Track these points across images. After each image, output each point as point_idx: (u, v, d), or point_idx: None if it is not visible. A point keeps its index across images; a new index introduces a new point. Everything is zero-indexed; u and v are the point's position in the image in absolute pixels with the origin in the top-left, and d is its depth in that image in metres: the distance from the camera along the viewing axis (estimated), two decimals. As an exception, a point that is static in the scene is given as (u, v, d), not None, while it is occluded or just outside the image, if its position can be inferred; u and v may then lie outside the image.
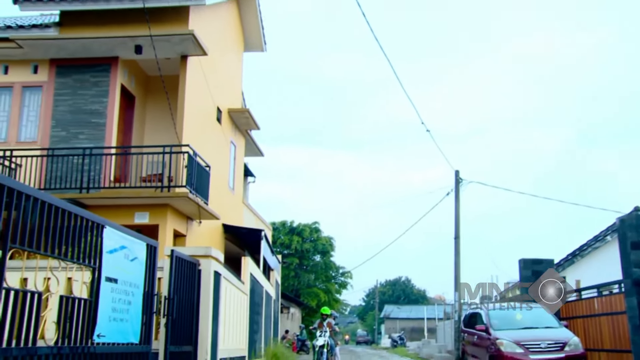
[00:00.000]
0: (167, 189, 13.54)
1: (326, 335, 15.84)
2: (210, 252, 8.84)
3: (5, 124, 15.20)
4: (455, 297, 24.25)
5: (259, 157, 25.76)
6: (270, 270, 22.34)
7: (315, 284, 50.57)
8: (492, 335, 13.34)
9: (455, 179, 25.04)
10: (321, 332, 16.02)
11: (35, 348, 4.89)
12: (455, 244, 24.36)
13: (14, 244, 4.63)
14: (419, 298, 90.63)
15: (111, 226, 6.15)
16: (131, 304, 6.53)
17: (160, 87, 15.57)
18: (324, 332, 15.95)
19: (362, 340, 74.02)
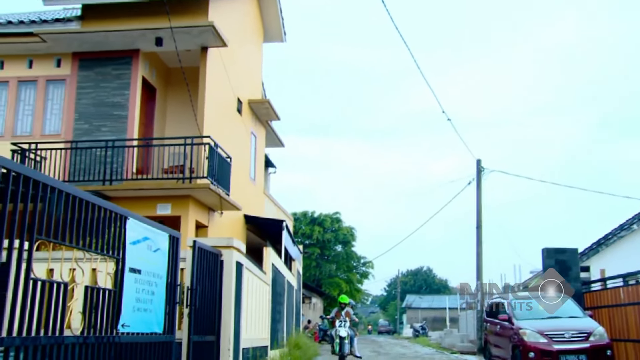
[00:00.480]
0: (189, 180, 13.64)
1: (346, 325, 15.21)
2: (232, 243, 8.89)
3: (30, 117, 15.41)
4: (477, 286, 24.15)
5: (280, 148, 25.81)
6: (291, 260, 22.43)
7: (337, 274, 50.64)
8: (515, 325, 13.25)
9: (476, 168, 24.87)
10: (340, 322, 15.37)
11: (63, 337, 4.97)
12: (477, 234, 24.22)
13: (40, 236, 4.70)
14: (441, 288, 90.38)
15: (134, 217, 6.20)
16: (154, 294, 6.60)
17: (181, 79, 15.66)
18: (343, 322, 15.31)
19: (384, 330, 74.10)
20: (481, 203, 24.46)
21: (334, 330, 15.64)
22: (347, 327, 15.17)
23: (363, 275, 55.32)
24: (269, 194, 24.29)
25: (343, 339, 14.92)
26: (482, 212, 24.39)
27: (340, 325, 15.27)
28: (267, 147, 23.87)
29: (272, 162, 26.48)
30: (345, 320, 15.37)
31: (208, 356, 8.17)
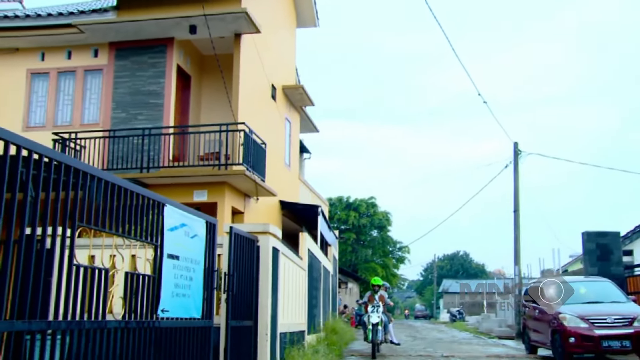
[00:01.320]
0: (225, 167, 13.75)
1: (379, 310, 14.07)
2: (268, 229, 8.93)
3: (70, 107, 15.72)
4: (516, 271, 23.86)
5: (314, 133, 25.80)
6: (327, 245, 22.48)
7: (373, 259, 50.61)
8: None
9: (513, 150, 24.45)
10: (373, 307, 14.19)
11: (105, 321, 5.07)
12: (515, 217, 23.88)
13: (81, 223, 4.79)
14: (478, 272, 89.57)
15: (171, 204, 6.28)
16: (192, 280, 6.68)
17: (215, 66, 15.74)
18: (376, 307, 14.14)
19: (421, 314, 73.90)
20: (518, 186, 24.08)
21: (366, 315, 14.45)
22: (380, 312, 14.06)
23: (399, 260, 55.15)
24: (304, 180, 24.34)
25: (376, 326, 13.81)
26: (519, 195, 24.02)
27: (373, 310, 14.14)
28: (302, 133, 23.88)
29: (307, 148, 26.49)
30: (378, 305, 14.25)
31: (246, 341, 8.26)
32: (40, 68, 15.97)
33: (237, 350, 7.94)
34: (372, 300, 14.50)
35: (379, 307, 14.15)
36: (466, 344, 19.83)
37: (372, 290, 15.07)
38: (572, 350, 12.10)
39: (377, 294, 14.70)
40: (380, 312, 14.08)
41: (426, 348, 17.06)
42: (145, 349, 5.70)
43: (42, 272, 4.30)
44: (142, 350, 5.64)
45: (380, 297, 14.63)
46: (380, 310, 14.14)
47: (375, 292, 14.81)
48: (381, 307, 14.20)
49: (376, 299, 14.51)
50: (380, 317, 13.97)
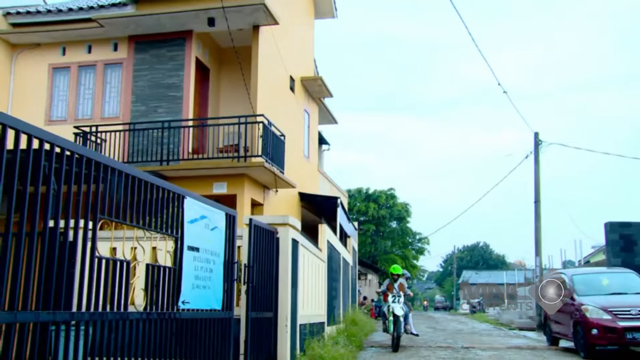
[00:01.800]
0: (244, 159, 13.79)
1: (401, 300, 13.42)
2: (288, 221, 8.95)
3: (90, 101, 15.87)
4: (537, 262, 23.69)
5: (333, 125, 25.77)
6: (346, 237, 22.49)
7: (392, 250, 50.55)
8: (577, 301, 12.92)
9: (534, 141, 24.21)
10: (394, 296, 13.48)
11: (127, 313, 5.13)
12: (536, 208, 23.67)
13: (102, 215, 4.84)
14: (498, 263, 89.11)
15: (191, 197, 6.31)
16: (213, 271, 6.72)
17: (234, 59, 15.76)
18: (397, 297, 13.45)
19: (440, 306, 73.71)
20: (539, 177, 23.86)
21: (386, 306, 13.66)
22: (402, 303, 13.45)
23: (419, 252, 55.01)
24: (323, 171, 24.34)
25: (398, 317, 13.04)
26: (540, 186, 23.80)
27: (394, 300, 13.41)
28: (320, 125, 23.86)
29: (326, 140, 26.48)
30: (399, 295, 13.55)
31: (266, 332, 8.31)
32: (61, 63, 16.13)
33: (258, 341, 7.99)
34: (391, 289, 13.80)
35: (400, 297, 13.50)
36: (486, 335, 19.75)
37: (391, 278, 14.28)
38: (594, 342, 11.98)
39: (396, 283, 14.02)
40: (402, 302, 13.49)
41: (446, 339, 17.02)
42: (166, 340, 5.76)
43: (66, 264, 4.36)
44: (163, 341, 5.70)
45: (400, 285, 13.97)
46: (402, 300, 13.51)
47: (395, 281, 14.08)
48: (402, 297, 13.55)
49: (396, 288, 13.82)
50: (403, 307, 13.37)
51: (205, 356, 6.56)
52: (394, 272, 14.40)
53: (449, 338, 17.61)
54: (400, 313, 13.07)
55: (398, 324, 12.95)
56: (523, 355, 12.65)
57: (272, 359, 8.46)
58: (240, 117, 13.92)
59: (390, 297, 13.51)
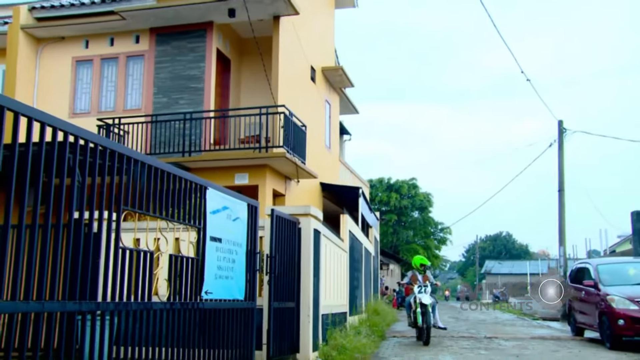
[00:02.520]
0: (265, 149, 13.82)
1: (428, 291, 12.71)
2: (310, 211, 8.96)
3: (113, 93, 16.01)
4: (561, 251, 23.46)
5: (354, 115, 25.69)
6: (368, 227, 22.46)
7: (414, 240, 50.39)
8: (602, 291, 12.76)
9: (558, 129, 23.92)
10: (420, 287, 12.80)
11: (151, 303, 5.19)
12: (560, 197, 23.41)
13: (126, 207, 4.89)
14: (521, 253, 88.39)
15: (213, 187, 6.35)
16: (235, 262, 6.76)
17: (255, 50, 15.77)
18: (424, 288, 12.76)
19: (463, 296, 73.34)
20: (563, 165, 23.57)
21: (411, 297, 13.00)
22: (429, 293, 12.75)
23: (441, 241, 54.76)
24: (345, 162, 24.30)
25: (426, 307, 12.31)
26: (564, 174, 23.52)
27: (421, 290, 12.70)
28: (342, 115, 23.80)
29: (347, 130, 26.42)
30: (425, 285, 12.85)
31: (288, 322, 8.35)
32: (84, 55, 16.28)
33: (280, 331, 8.03)
34: (415, 281, 13.08)
35: (427, 287, 12.79)
36: (509, 325, 19.63)
37: (418, 270, 13.48)
38: (621, 333, 11.82)
39: (421, 275, 13.29)
40: (429, 292, 12.82)
41: (469, 329, 16.95)
42: (190, 330, 5.81)
43: (91, 255, 4.42)
44: (187, 331, 5.76)
45: (424, 277, 13.25)
46: (429, 290, 12.82)
47: (421, 272, 13.37)
48: (429, 287, 12.83)
49: (420, 279, 13.09)
50: (430, 298, 12.71)
51: (228, 346, 6.61)
52: (422, 263, 13.62)
53: (472, 328, 17.53)
54: (428, 302, 12.40)
55: (427, 315, 12.19)
56: (547, 346, 12.55)
57: (295, 348, 8.50)
58: (262, 108, 13.94)
59: (416, 287, 12.83)
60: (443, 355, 10.56)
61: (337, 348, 9.21)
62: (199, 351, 5.98)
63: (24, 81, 15.97)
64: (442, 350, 11.48)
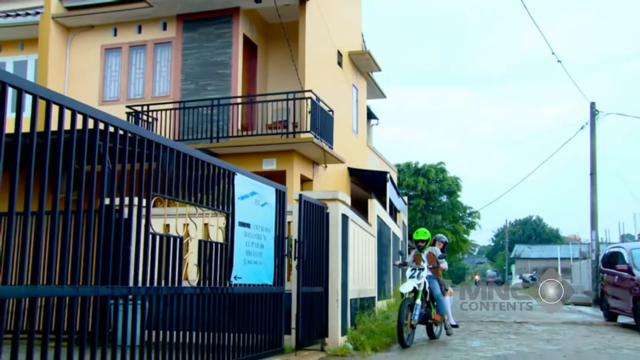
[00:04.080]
0: (293, 135, 13.82)
1: (422, 275, 9.55)
2: (338, 196, 8.95)
3: (141, 80, 16.15)
4: (593, 236, 23.09)
5: (381, 99, 25.53)
6: (396, 212, 22.39)
7: (443, 224, 50.08)
8: (637, 276, 12.54)
9: (590, 111, 23.44)
10: (413, 269, 9.71)
11: (181, 288, 5.26)
12: (592, 181, 22.99)
13: (155, 193, 4.95)
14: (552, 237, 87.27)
15: (241, 173, 6.38)
16: (264, 247, 6.80)
17: (281, 35, 15.73)
18: (417, 270, 9.63)
19: (492, 280, 72.85)
20: (595, 148, 23.11)
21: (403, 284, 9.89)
22: (423, 278, 9.56)
23: (469, 226, 54.32)
24: (372, 146, 24.20)
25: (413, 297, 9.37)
26: (596, 157, 23.07)
27: (413, 274, 9.63)
28: (369, 99, 23.66)
29: (374, 114, 26.26)
30: (421, 268, 9.67)
31: (317, 307, 8.39)
32: (113, 43, 16.44)
33: (309, 315, 8.07)
34: (418, 262, 9.95)
35: (423, 271, 9.63)
36: (539, 310, 19.43)
37: (415, 246, 10.22)
38: (655, 318, 11.63)
39: (424, 253, 10.01)
40: (423, 275, 9.59)
41: (498, 314, 16.84)
42: (219, 314, 5.88)
43: (122, 240, 4.48)
44: (216, 315, 5.83)
45: (429, 256, 9.99)
46: (424, 273, 9.61)
47: (422, 250, 10.04)
48: (425, 270, 9.66)
49: (423, 258, 9.91)
50: (422, 283, 9.50)
51: (258, 330, 6.68)
52: (418, 238, 10.15)
53: (501, 313, 17.41)
54: (406, 290, 9.42)
55: (403, 307, 9.06)
56: (578, 331, 12.41)
57: (324, 333, 8.55)
58: (289, 93, 13.93)
59: (409, 270, 9.82)
60: (472, 339, 10.52)
61: (365, 332, 9.23)
62: (228, 335, 6.05)
63: (55, 70, 16.20)
64: (471, 334, 11.43)
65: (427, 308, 9.72)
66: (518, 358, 8.29)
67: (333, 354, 8.23)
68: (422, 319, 9.58)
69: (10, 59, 17.02)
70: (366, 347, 8.60)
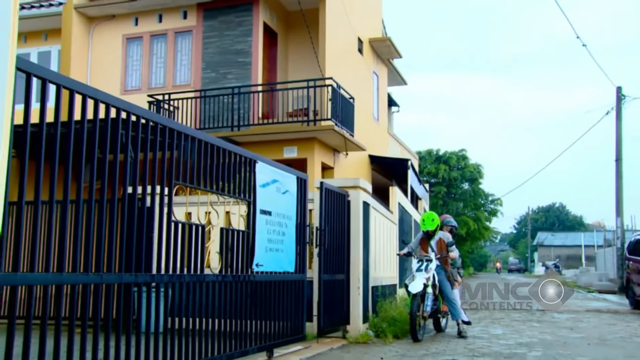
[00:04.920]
0: (313, 122, 13.81)
1: (430, 267, 8.78)
2: (359, 183, 8.93)
3: (162, 69, 16.23)
4: (618, 222, 22.80)
5: (402, 86, 25.37)
6: (418, 199, 22.30)
7: (464, 212, 49.78)
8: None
9: (616, 95, 23.05)
10: (420, 261, 8.88)
11: (203, 275, 5.30)
12: (617, 167, 22.66)
13: (177, 181, 4.97)
14: (575, 225, 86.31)
15: (263, 161, 6.39)
16: (285, 235, 6.82)
17: (301, 22, 15.67)
18: (425, 262, 8.82)
19: (514, 268, 72.41)
20: (621, 134, 22.75)
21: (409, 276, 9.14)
22: (430, 272, 8.78)
23: (491, 213, 53.91)
24: (393, 133, 24.08)
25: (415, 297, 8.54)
26: (622, 143, 22.71)
27: (420, 267, 8.81)
28: (389, 86, 23.52)
29: (395, 101, 26.12)
30: (429, 259, 8.88)
31: (339, 294, 8.40)
32: (134, 33, 16.53)
33: (331, 303, 8.09)
34: (425, 249, 9.16)
35: (431, 263, 8.83)
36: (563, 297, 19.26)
37: (424, 234, 9.27)
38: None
39: (433, 240, 9.21)
40: (431, 267, 8.81)
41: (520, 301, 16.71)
42: (241, 302, 5.92)
43: (144, 229, 4.52)
44: (238, 303, 5.87)
45: (439, 242, 9.20)
46: (433, 265, 8.83)
47: (430, 238, 9.21)
48: (434, 262, 8.86)
49: (432, 246, 9.14)
50: (428, 279, 8.71)
51: (279, 318, 6.71)
52: (426, 229, 9.18)
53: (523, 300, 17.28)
54: (416, 290, 8.56)
55: (415, 301, 8.51)
56: (603, 319, 12.29)
57: (345, 320, 8.57)
58: (309, 81, 13.90)
59: (415, 261, 8.98)
60: (494, 327, 10.47)
61: (387, 320, 9.23)
62: (250, 323, 6.09)
63: (77, 60, 16.35)
64: (494, 322, 11.38)
65: (435, 300, 9.04)
66: (541, 346, 8.23)
67: (355, 341, 8.25)
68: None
69: (34, 49, 17.21)
70: (388, 334, 8.61)
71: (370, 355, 7.23)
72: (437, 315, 9.43)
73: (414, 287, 8.61)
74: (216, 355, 5.42)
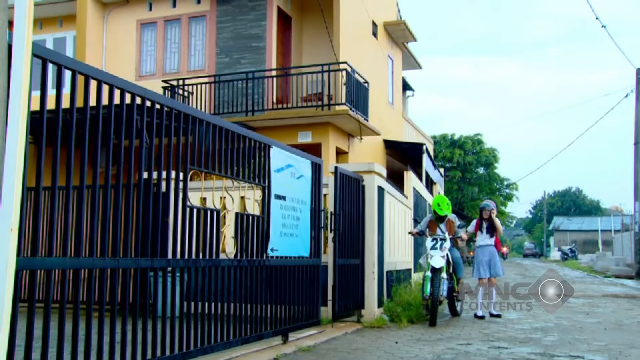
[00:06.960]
0: (328, 107, 13.77)
1: (445, 246, 8.95)
2: (373, 168, 8.91)
3: (177, 54, 16.24)
4: (636, 207, 22.58)
5: (418, 70, 25.19)
6: (433, 184, 22.22)
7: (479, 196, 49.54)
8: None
9: (636, 77, 22.73)
10: (435, 239, 9.05)
11: (219, 260, 5.33)
12: (636, 150, 22.41)
13: (192, 166, 4.99)
14: (592, 209, 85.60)
15: (277, 146, 6.38)
16: (300, 219, 6.83)
17: (315, 6, 15.58)
18: (439, 241, 9.00)
19: (530, 253, 72.07)
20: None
21: (423, 256, 9.52)
22: (445, 250, 8.96)
23: (507, 198, 53.63)
24: (408, 118, 23.97)
25: (437, 272, 8.70)
26: (641, 127, 22.41)
27: (435, 245, 8.98)
28: (404, 70, 23.37)
29: (410, 85, 25.96)
30: (443, 238, 9.07)
31: (353, 279, 8.42)
32: (148, 18, 16.54)
33: (345, 287, 8.12)
34: (433, 230, 9.39)
35: (445, 242, 9.01)
36: (579, 282, 19.18)
37: (434, 216, 9.52)
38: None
39: (443, 222, 9.44)
40: (446, 246, 8.99)
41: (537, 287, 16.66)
42: (257, 286, 5.95)
43: (160, 214, 4.55)
44: (254, 287, 5.90)
45: (448, 223, 9.42)
46: (447, 244, 9.02)
47: (441, 220, 9.45)
48: (448, 241, 9.05)
49: (441, 227, 9.36)
50: (444, 257, 8.88)
51: (294, 302, 6.75)
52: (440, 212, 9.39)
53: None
54: (439, 265, 8.73)
55: (436, 282, 8.61)
56: (620, 304, 12.22)
57: (360, 304, 8.60)
58: (324, 65, 13.84)
59: (430, 240, 9.11)
60: (509, 311, 10.45)
61: (401, 304, 9.25)
62: (265, 307, 6.13)
63: (92, 46, 16.41)
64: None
65: (450, 280, 9.12)
66: (557, 330, 8.20)
67: (369, 326, 8.28)
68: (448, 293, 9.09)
69: (50, 36, 17.30)
70: (402, 318, 8.63)
71: (384, 339, 7.25)
72: (453, 295, 9.42)
73: (436, 262, 8.77)
74: (232, 339, 5.47)
